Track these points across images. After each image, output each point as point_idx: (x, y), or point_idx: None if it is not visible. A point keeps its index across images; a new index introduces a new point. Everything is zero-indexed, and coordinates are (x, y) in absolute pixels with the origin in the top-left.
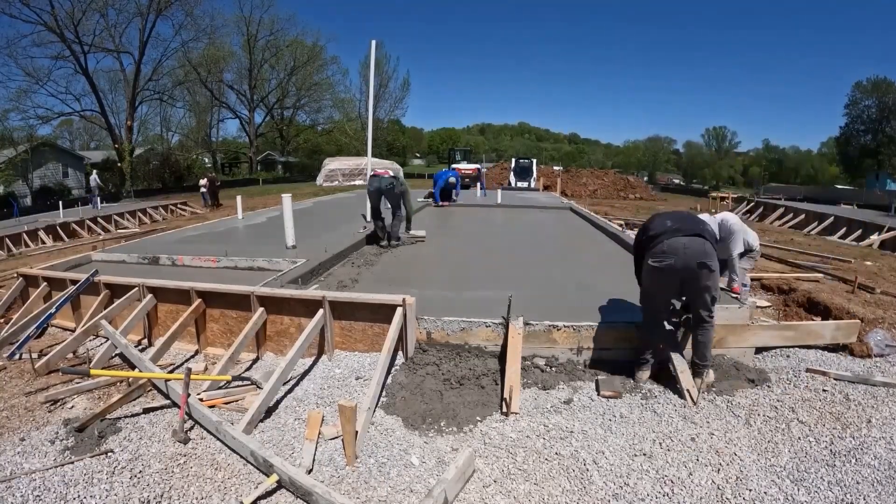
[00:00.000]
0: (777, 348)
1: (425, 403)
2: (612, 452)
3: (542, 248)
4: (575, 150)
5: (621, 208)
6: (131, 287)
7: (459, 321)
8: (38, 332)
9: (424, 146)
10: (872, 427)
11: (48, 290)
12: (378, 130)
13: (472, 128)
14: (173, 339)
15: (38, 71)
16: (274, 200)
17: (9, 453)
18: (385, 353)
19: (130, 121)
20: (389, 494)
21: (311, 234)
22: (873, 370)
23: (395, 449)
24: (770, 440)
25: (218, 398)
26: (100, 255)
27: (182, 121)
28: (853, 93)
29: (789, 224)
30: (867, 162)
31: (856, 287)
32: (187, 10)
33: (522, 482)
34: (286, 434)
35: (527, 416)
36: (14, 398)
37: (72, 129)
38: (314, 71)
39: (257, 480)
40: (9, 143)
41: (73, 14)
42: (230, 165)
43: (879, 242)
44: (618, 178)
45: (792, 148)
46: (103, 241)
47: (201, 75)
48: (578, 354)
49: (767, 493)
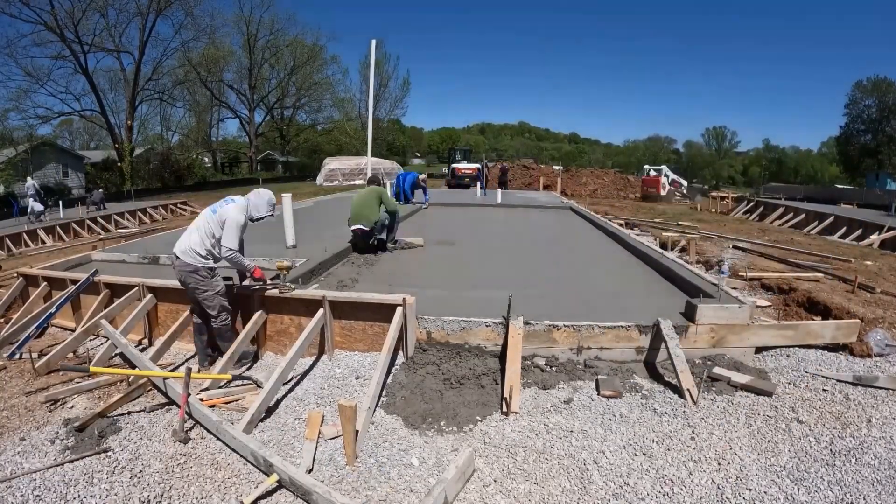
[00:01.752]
0: (777, 348)
1: (425, 403)
2: (613, 452)
3: (542, 248)
4: (575, 150)
5: (621, 208)
6: (131, 287)
7: (459, 321)
8: (38, 331)
9: (424, 146)
10: (872, 427)
11: (48, 289)
12: (378, 130)
13: (472, 127)
14: (173, 339)
15: (38, 71)
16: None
17: (9, 453)
18: (385, 352)
19: (130, 120)
20: (389, 494)
21: (312, 233)
22: (873, 370)
23: (395, 448)
24: (770, 440)
25: (218, 398)
26: (100, 254)
27: (182, 120)
28: (853, 92)
29: (789, 224)
30: (867, 161)
31: (856, 287)
32: (187, 9)
33: (522, 482)
34: (286, 434)
35: (527, 415)
36: (14, 398)
37: (72, 128)
38: (314, 70)
39: (257, 480)
40: (9, 142)
41: (73, 14)
42: (230, 165)
43: (879, 242)
44: (618, 177)
45: (792, 147)
46: (103, 241)
47: (201, 75)
48: (578, 354)
49: (767, 493)
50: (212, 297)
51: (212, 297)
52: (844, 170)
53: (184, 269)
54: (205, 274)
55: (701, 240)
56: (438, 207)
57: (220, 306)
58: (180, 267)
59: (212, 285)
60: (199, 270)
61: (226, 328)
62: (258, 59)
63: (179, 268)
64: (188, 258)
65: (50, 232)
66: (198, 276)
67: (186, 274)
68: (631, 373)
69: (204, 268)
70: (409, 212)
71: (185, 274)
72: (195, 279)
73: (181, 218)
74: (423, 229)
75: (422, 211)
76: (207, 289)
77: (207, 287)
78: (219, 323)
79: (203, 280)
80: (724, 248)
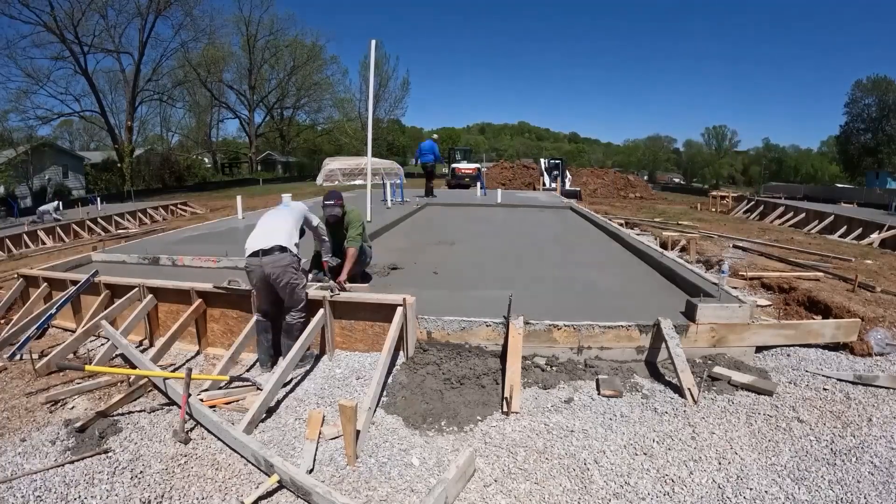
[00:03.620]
0: (777, 347)
1: (426, 403)
2: (613, 451)
3: (543, 248)
4: (575, 150)
5: (621, 207)
6: (131, 287)
7: (460, 321)
8: (38, 332)
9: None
10: (873, 426)
11: (48, 290)
12: (378, 130)
13: (472, 127)
14: (174, 340)
15: (38, 71)
16: (274, 200)
17: (10, 454)
18: (385, 352)
19: (130, 121)
20: (390, 494)
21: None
22: (874, 369)
23: (395, 448)
24: (770, 439)
25: (218, 398)
26: (100, 255)
27: (182, 121)
28: (853, 91)
29: (790, 223)
30: (867, 160)
31: (856, 286)
32: (187, 10)
33: (523, 481)
34: (287, 434)
35: (527, 415)
36: (15, 399)
37: (71, 129)
38: (314, 70)
39: (258, 480)
40: (8, 143)
41: (73, 14)
42: (230, 165)
43: (880, 241)
44: (618, 177)
45: (792, 146)
46: (103, 242)
47: (201, 75)
48: (579, 354)
49: (768, 492)
50: (301, 290)
51: (302, 289)
52: (844, 169)
53: (279, 263)
54: (297, 266)
55: (701, 239)
56: (438, 207)
57: (305, 300)
58: (274, 263)
59: (302, 278)
60: (294, 263)
61: (301, 324)
62: (258, 60)
63: (272, 264)
64: (284, 252)
65: (50, 233)
66: (293, 268)
67: (282, 269)
68: (631, 372)
69: (298, 259)
70: (409, 211)
71: (280, 269)
72: (291, 273)
73: (181, 218)
74: (423, 229)
75: (422, 210)
76: (300, 281)
77: (300, 280)
78: (297, 318)
79: (297, 273)
80: (725, 248)
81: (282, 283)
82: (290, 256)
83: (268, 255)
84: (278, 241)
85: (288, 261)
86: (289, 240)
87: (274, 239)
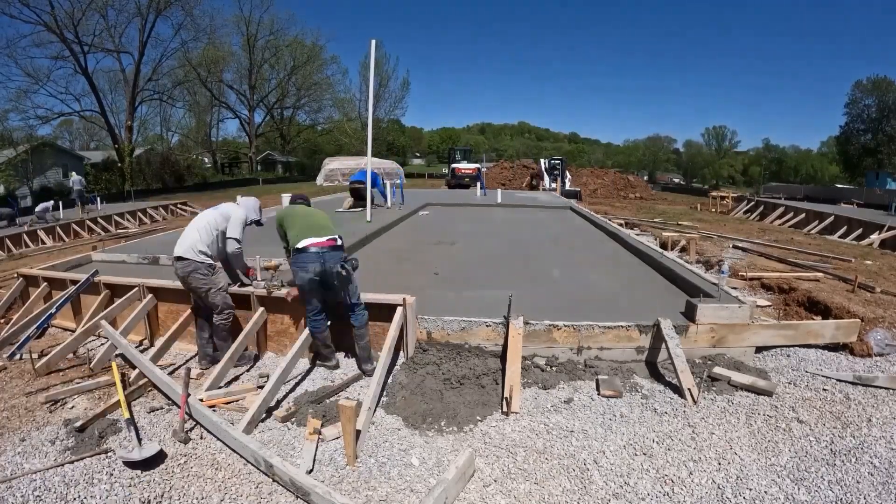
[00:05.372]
0: (777, 347)
1: (426, 403)
2: (613, 452)
3: (542, 248)
4: (575, 150)
5: (621, 207)
6: (131, 287)
7: (459, 321)
8: (38, 332)
9: (424, 146)
10: (873, 426)
11: (48, 290)
12: (378, 130)
13: (472, 127)
14: (174, 339)
15: (38, 71)
16: (274, 200)
17: (9, 453)
18: (385, 352)
19: (130, 121)
20: (390, 494)
21: None
22: (874, 369)
23: (395, 449)
24: (770, 439)
25: (218, 398)
26: (100, 255)
27: (182, 121)
28: (853, 92)
29: (790, 223)
30: (867, 161)
31: (856, 286)
32: (187, 10)
33: (523, 482)
34: (287, 434)
35: (527, 415)
36: (14, 398)
37: (71, 129)
38: (314, 70)
39: (258, 480)
40: (9, 143)
41: (73, 14)
42: (230, 165)
43: (879, 241)
44: (618, 177)
45: (792, 147)
46: (103, 241)
47: (201, 75)
48: (579, 354)
49: (768, 493)
50: (215, 294)
51: (215, 293)
52: (844, 169)
53: (185, 268)
54: (206, 271)
55: (701, 239)
56: (438, 207)
57: (223, 303)
58: (182, 267)
59: (214, 282)
60: (200, 268)
61: (225, 326)
62: (258, 60)
63: (181, 268)
64: (190, 256)
65: (50, 232)
66: (199, 273)
67: (188, 273)
68: (631, 372)
69: (204, 265)
70: (409, 212)
71: (187, 273)
72: (197, 277)
73: (181, 218)
74: (423, 229)
75: (422, 210)
76: (210, 285)
77: (210, 284)
78: (220, 320)
79: (205, 277)
80: (724, 248)
81: (192, 286)
82: (195, 263)
83: (179, 261)
84: (180, 250)
85: (192, 268)
86: (192, 246)
87: (180, 246)
